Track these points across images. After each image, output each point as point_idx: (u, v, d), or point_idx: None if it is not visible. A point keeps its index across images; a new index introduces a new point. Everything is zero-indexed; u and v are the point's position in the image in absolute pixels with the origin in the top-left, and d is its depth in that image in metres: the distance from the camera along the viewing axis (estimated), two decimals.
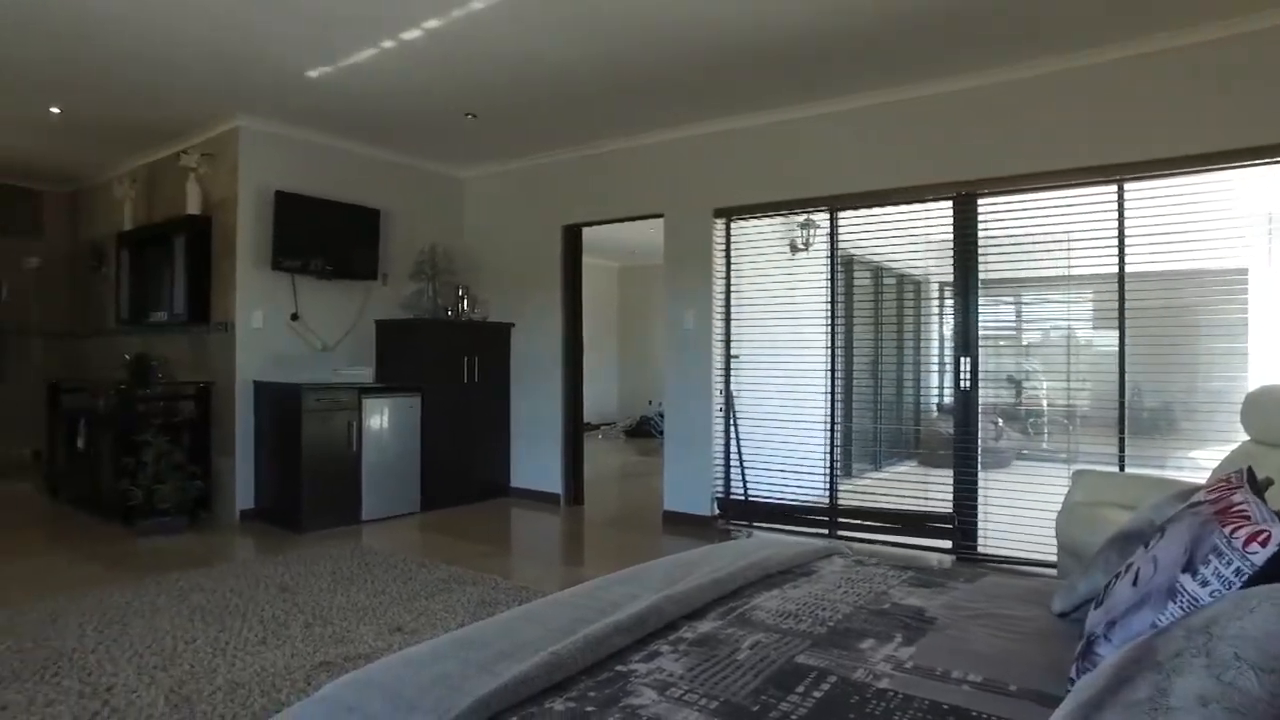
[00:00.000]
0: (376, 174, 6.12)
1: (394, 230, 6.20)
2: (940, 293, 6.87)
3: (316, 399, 5.12)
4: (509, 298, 6.44)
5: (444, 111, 5.21)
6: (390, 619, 3.42)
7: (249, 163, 5.42)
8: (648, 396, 11.38)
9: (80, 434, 5.81)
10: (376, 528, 5.29)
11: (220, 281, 5.51)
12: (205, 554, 4.61)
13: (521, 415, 6.37)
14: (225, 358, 5.43)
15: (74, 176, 7.39)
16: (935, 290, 6.69)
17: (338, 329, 5.88)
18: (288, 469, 5.16)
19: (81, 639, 3.17)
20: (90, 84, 4.84)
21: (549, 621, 1.84)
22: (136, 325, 6.26)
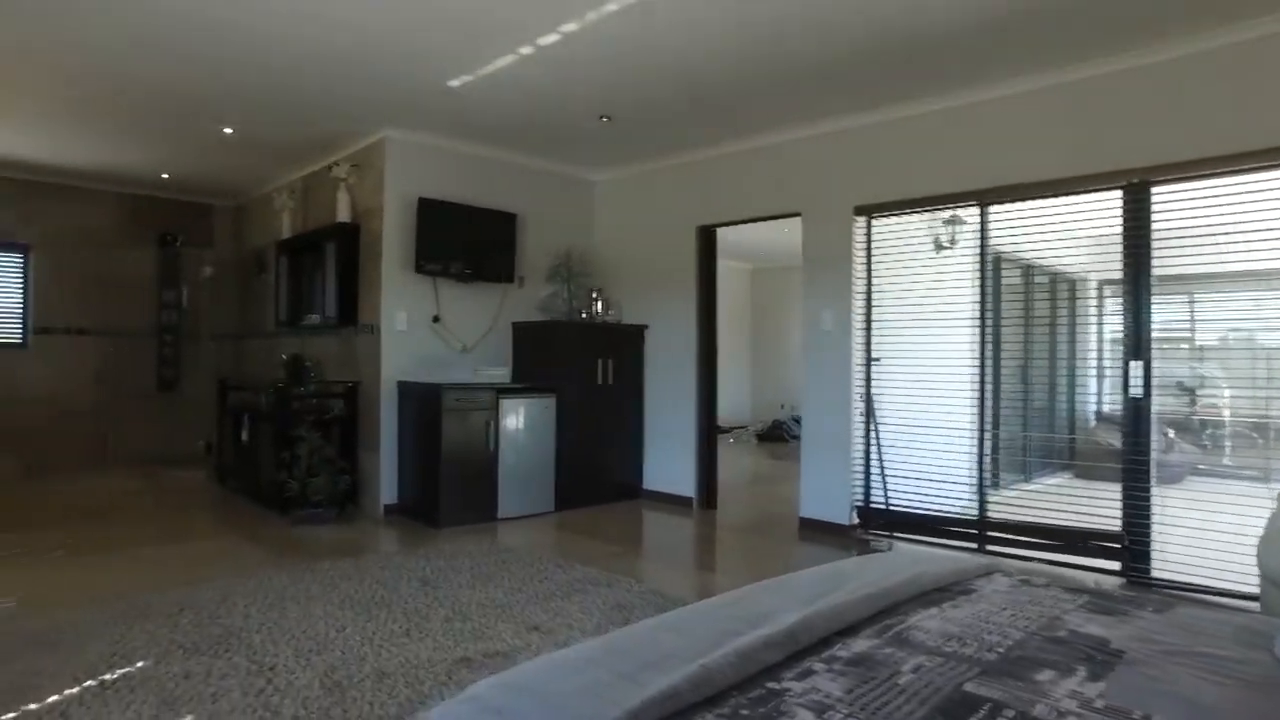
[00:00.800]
0: (512, 179, 6.26)
1: (529, 233, 6.32)
2: (1099, 291, 6.38)
3: (456, 399, 5.27)
4: (642, 299, 6.44)
5: (579, 115, 5.25)
6: (528, 617, 3.44)
7: (394, 172, 5.65)
8: (780, 400, 11.17)
9: (244, 428, 6.23)
10: (511, 526, 5.39)
11: (367, 285, 5.77)
12: (352, 545, 4.81)
13: (654, 417, 6.36)
14: (371, 358, 5.68)
15: (240, 191, 7.95)
16: (1093, 289, 6.22)
17: (476, 330, 6.05)
18: (428, 466, 5.33)
19: (247, 619, 3.36)
20: (256, 106, 5.20)
21: (695, 632, 1.77)
22: (292, 327, 6.66)
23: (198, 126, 5.70)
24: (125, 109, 5.39)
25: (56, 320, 7.51)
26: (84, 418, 7.59)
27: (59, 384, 7.49)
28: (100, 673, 2.81)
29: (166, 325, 7.96)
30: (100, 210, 7.71)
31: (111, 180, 7.50)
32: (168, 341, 7.97)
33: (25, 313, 7.43)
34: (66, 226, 7.54)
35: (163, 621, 3.32)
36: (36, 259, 7.45)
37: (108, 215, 7.76)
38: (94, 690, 2.67)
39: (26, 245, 7.42)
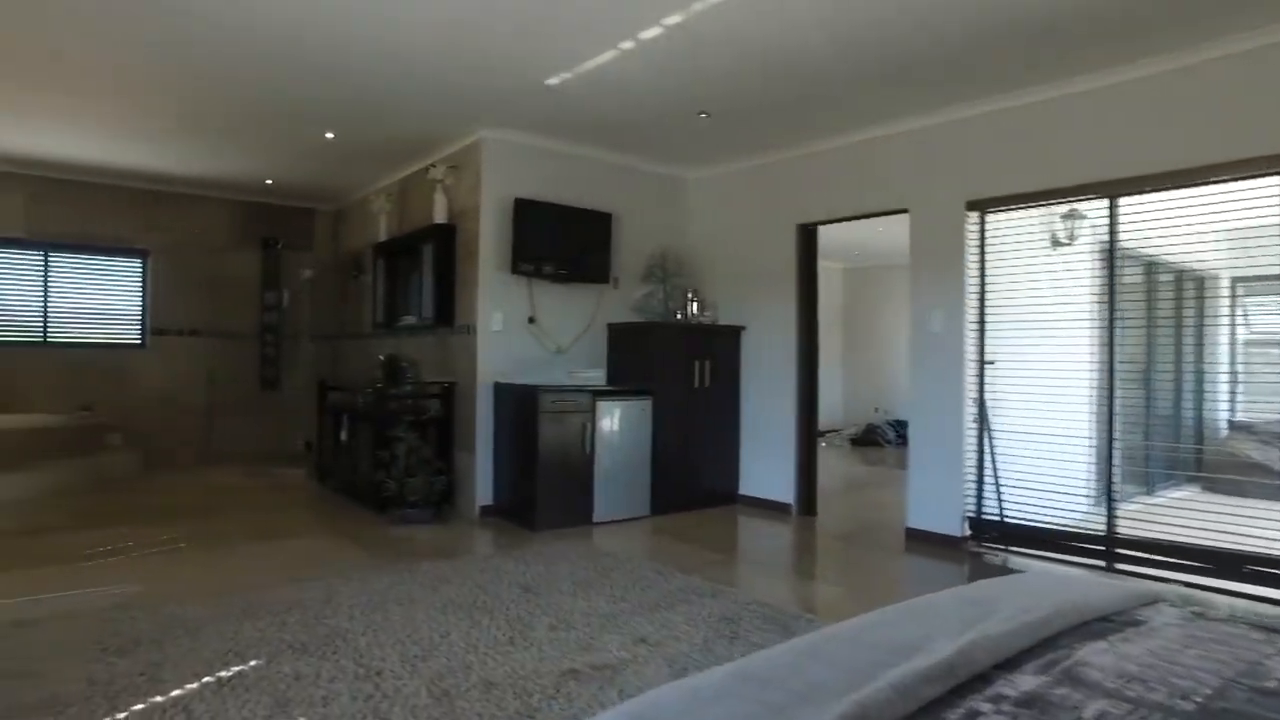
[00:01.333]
0: (607, 178, 6.19)
1: (624, 233, 6.24)
2: (1231, 289, 5.92)
3: (553, 401, 5.22)
4: (738, 300, 6.28)
5: (677, 111, 5.13)
6: (633, 629, 3.34)
7: (490, 172, 5.64)
8: (874, 404, 10.84)
9: (343, 428, 6.34)
10: (608, 530, 5.31)
11: (463, 286, 5.78)
12: (450, 546, 4.81)
13: (751, 420, 6.19)
14: (467, 359, 5.68)
15: (339, 196, 8.13)
16: (1225, 286, 5.78)
17: (571, 331, 6.00)
18: (524, 468, 5.30)
19: (352, 620, 3.35)
20: (357, 110, 5.28)
21: (841, 661, 1.62)
22: (389, 328, 6.75)
23: (302, 133, 5.83)
24: (235, 120, 5.56)
25: (171, 322, 7.82)
26: (195, 415, 7.89)
27: (173, 382, 7.80)
28: (217, 669, 2.83)
29: (268, 326, 8.20)
30: (210, 216, 8.01)
31: (220, 188, 7.78)
32: (269, 342, 8.21)
33: (144, 315, 7.76)
34: (180, 233, 7.85)
35: (271, 620, 3.34)
36: (154, 264, 7.77)
37: (216, 221, 8.05)
38: (212, 687, 2.68)
39: (146, 251, 7.75)
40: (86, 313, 7.56)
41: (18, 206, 7.19)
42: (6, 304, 7.23)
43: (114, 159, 6.75)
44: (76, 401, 7.23)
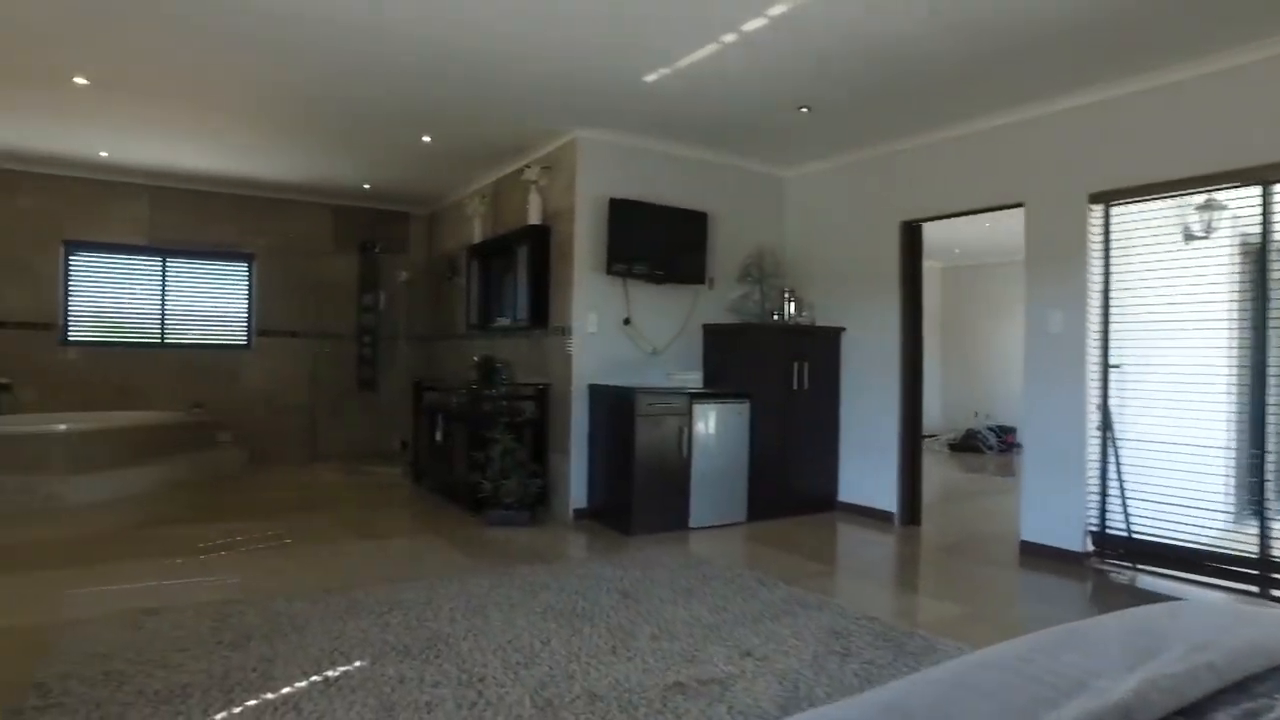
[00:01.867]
0: (703, 177, 6.07)
1: (719, 233, 6.11)
2: None
3: (649, 403, 5.13)
4: (837, 301, 6.07)
5: (777, 106, 4.98)
6: (738, 640, 3.21)
7: (585, 172, 5.60)
8: (974, 408, 10.40)
9: (438, 428, 6.40)
10: (704, 536, 5.19)
11: (558, 287, 5.76)
12: (546, 549, 4.77)
13: (851, 424, 5.97)
14: (562, 360, 5.65)
15: (434, 199, 8.26)
16: None
17: (666, 333, 5.90)
18: (620, 472, 5.23)
19: (453, 623, 3.32)
20: (454, 113, 5.32)
21: (996, 694, 1.46)
22: (483, 329, 6.79)
23: (399, 137, 5.92)
24: (336, 127, 5.70)
25: (274, 323, 8.09)
26: (297, 414, 8.13)
27: (277, 382, 8.07)
28: (324, 668, 2.83)
29: (365, 328, 8.39)
30: (311, 221, 8.25)
31: (321, 193, 8.00)
32: (366, 343, 8.40)
33: (250, 317, 8.05)
34: (283, 237, 8.12)
35: (374, 620, 3.35)
36: (259, 267, 8.05)
37: (317, 226, 8.28)
38: (320, 686, 2.68)
39: (251, 255, 8.04)
40: (198, 315, 7.89)
41: (142, 215, 7.56)
42: (131, 307, 7.61)
43: (225, 168, 7.02)
44: (189, 400, 7.54)
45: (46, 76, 4.81)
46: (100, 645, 3.02)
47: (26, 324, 7.15)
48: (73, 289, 7.40)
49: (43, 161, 6.95)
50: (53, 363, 7.23)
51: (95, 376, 7.37)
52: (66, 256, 7.35)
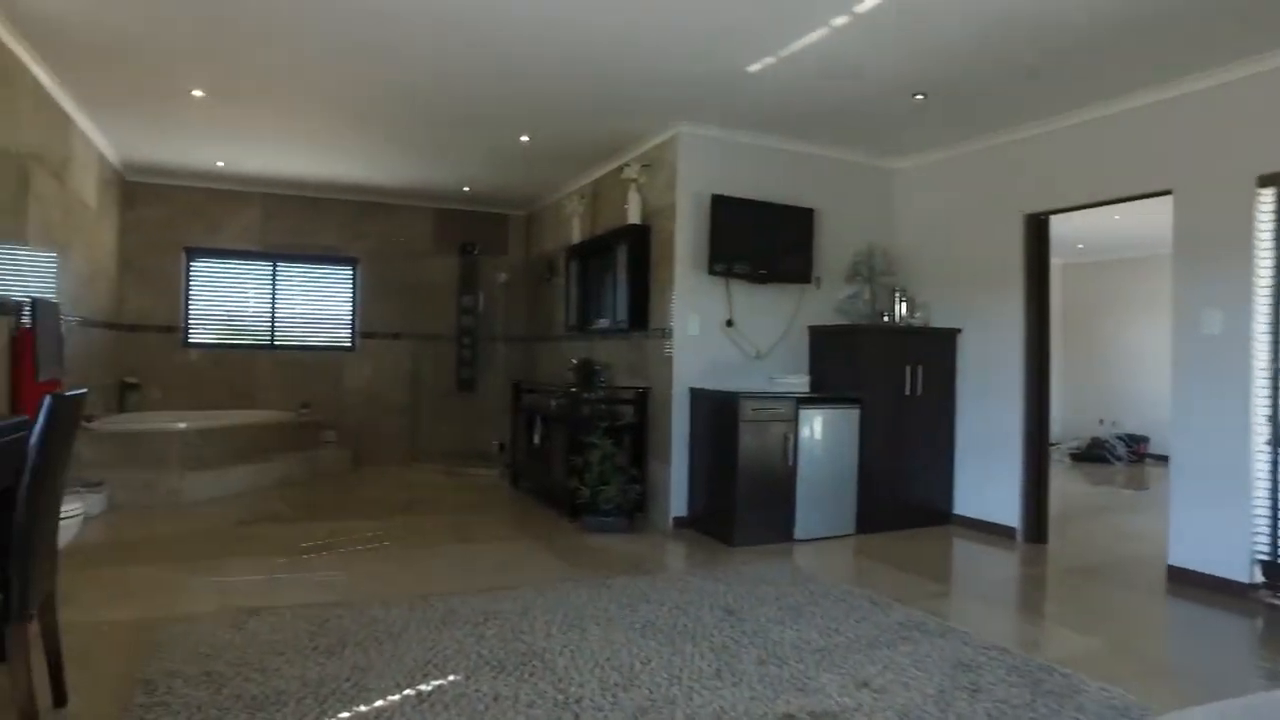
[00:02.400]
0: (808, 171, 5.79)
1: (825, 230, 5.82)
2: None
3: (754, 408, 4.90)
4: (953, 300, 5.69)
5: (890, 94, 4.67)
6: (853, 669, 2.95)
7: (686, 169, 5.41)
8: (1099, 415, 9.69)
9: (536, 431, 6.33)
10: (810, 549, 4.92)
11: (658, 288, 5.59)
12: (644, 559, 4.60)
13: (968, 433, 5.58)
14: (662, 363, 5.48)
15: (532, 200, 8.24)
16: None
17: (770, 335, 5.65)
18: (721, 479, 5.01)
19: (549, 638, 3.19)
20: (551, 111, 5.24)
21: None
22: (582, 331, 6.69)
23: (498, 138, 5.88)
24: (437, 128, 5.70)
25: (377, 325, 8.23)
26: (398, 414, 8.26)
27: (379, 383, 8.21)
28: (417, 681, 2.74)
29: (465, 329, 8.44)
30: (412, 224, 8.36)
31: (422, 196, 8.09)
32: (465, 344, 8.45)
33: (354, 319, 8.22)
34: (385, 240, 8.26)
35: (469, 630, 3.24)
36: (363, 271, 8.21)
37: (417, 229, 8.39)
38: (412, 700, 2.58)
39: (355, 259, 8.20)
40: (306, 318, 8.10)
41: (255, 221, 7.82)
42: (244, 310, 7.88)
43: (332, 174, 7.17)
44: (297, 400, 7.74)
45: (169, 91, 4.99)
46: (204, 644, 3.03)
47: (154, 327, 7.48)
48: (193, 294, 7.71)
49: (166, 173, 7.26)
50: (175, 364, 7.55)
51: (212, 377, 7.66)
52: (187, 263, 7.67)
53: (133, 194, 7.40)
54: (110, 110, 5.47)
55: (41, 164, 4.88)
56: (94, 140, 6.07)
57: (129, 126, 5.84)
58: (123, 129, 5.93)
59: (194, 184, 7.54)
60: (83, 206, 5.90)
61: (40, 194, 4.88)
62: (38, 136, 4.79)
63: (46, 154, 4.98)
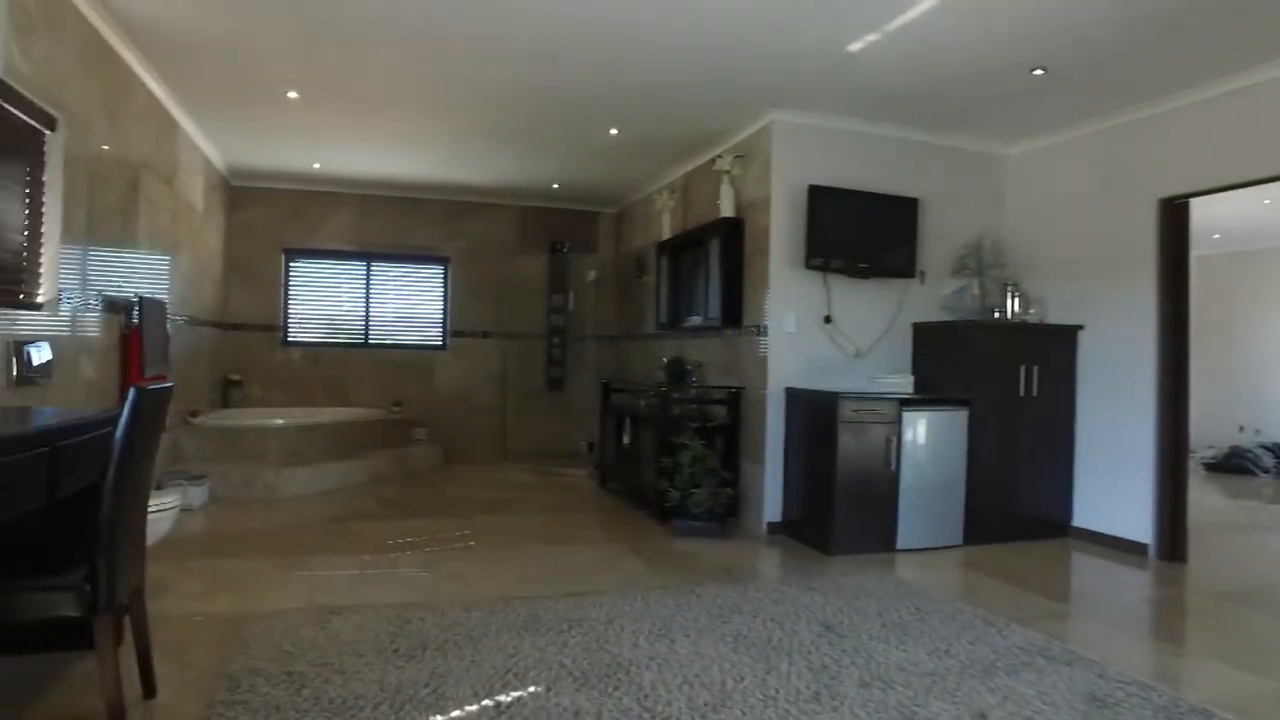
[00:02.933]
0: (912, 159, 5.45)
1: (930, 221, 5.47)
2: None
3: (854, 409, 4.62)
4: (1072, 295, 5.25)
5: (1004, 70, 4.31)
6: (967, 697, 2.66)
7: (782, 159, 5.17)
8: (1238, 420, 8.90)
9: (625, 431, 6.18)
10: (913, 560, 4.60)
11: (753, 284, 5.37)
12: (736, 566, 4.39)
13: (1091, 438, 5.13)
14: (756, 362, 5.25)
15: (621, 196, 8.12)
16: None
17: (870, 333, 5.34)
18: (819, 484, 4.75)
19: (635, 648, 3.02)
20: (641, 103, 5.11)
21: None
22: (672, 329, 6.51)
23: (588, 132, 5.77)
24: (527, 123, 5.64)
25: (467, 324, 8.27)
26: (487, 413, 8.27)
27: (469, 382, 8.25)
28: (496, 691, 2.61)
29: (554, 328, 8.39)
30: (501, 223, 8.37)
31: (511, 195, 8.09)
32: (555, 343, 8.40)
33: (445, 318, 8.28)
34: (475, 239, 8.29)
35: (552, 638, 3.10)
36: (454, 270, 8.26)
37: (507, 227, 8.39)
38: (490, 712, 2.46)
39: (447, 258, 8.26)
40: (398, 316, 8.20)
41: (350, 222, 7.97)
42: (340, 309, 8.04)
43: (424, 174, 7.22)
44: (389, 398, 7.84)
45: (265, 93, 5.07)
46: (288, 641, 2.99)
47: (256, 326, 7.71)
48: (291, 293, 7.91)
49: (267, 177, 7.47)
50: (275, 362, 7.76)
51: (309, 375, 7.83)
52: (286, 263, 7.87)
53: (237, 198, 7.64)
54: (212, 115, 5.61)
55: (152, 170, 5.03)
56: (200, 146, 6.27)
57: (230, 131, 5.99)
58: (225, 134, 6.09)
59: (292, 186, 7.73)
60: (190, 210, 6.09)
61: (150, 198, 5.03)
62: (148, 143, 4.94)
63: (156, 160, 5.13)
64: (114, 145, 4.35)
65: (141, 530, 2.59)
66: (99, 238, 4.19)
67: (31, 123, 3.52)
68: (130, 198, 4.68)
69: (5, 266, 3.35)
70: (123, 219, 4.58)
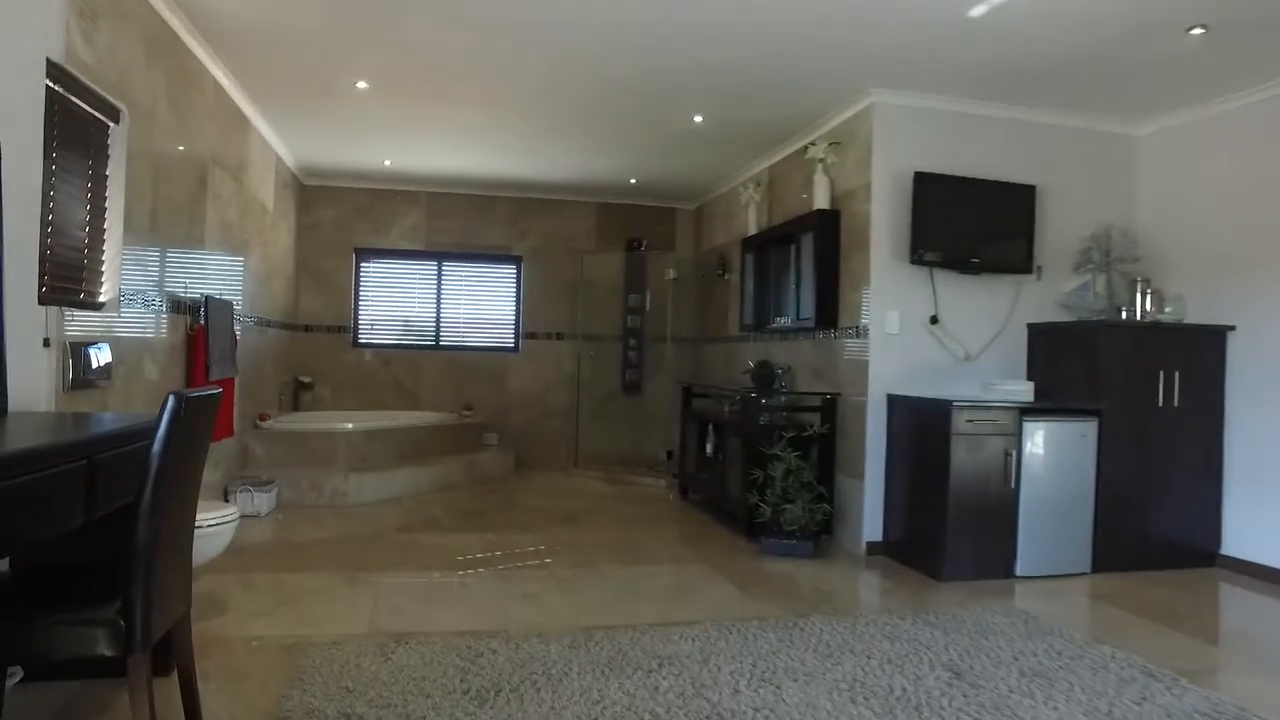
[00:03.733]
0: (1028, 142, 4.93)
1: (1049, 211, 4.93)
2: None
3: (968, 419, 4.14)
4: (1219, 292, 4.63)
5: (1156, 30, 3.75)
6: None
7: (884, 143, 4.71)
8: None
9: (708, 439, 5.79)
10: (1035, 589, 4.09)
11: (849, 281, 4.92)
12: (838, 593, 3.96)
13: (1244, 453, 4.50)
14: (855, 367, 4.80)
15: (701, 192, 7.73)
16: None
17: (980, 334, 4.84)
18: (927, 501, 4.28)
19: (736, 695, 2.62)
20: (728, 87, 4.75)
21: None
22: (758, 330, 6.09)
23: (670, 119, 5.42)
24: (606, 111, 5.34)
25: (540, 325, 7.99)
26: (560, 418, 7.97)
27: (541, 385, 7.96)
28: None
29: (630, 329, 8.04)
30: (575, 220, 8.06)
31: (586, 191, 7.77)
32: (631, 345, 8.05)
33: (517, 319, 8.01)
34: (549, 237, 8.01)
35: (641, 679, 2.73)
36: (526, 269, 7.99)
37: (581, 225, 8.08)
38: None
39: (519, 257, 8.00)
40: (469, 317, 7.97)
41: (420, 221, 7.78)
42: (410, 310, 7.86)
43: (495, 170, 6.98)
44: (460, 401, 7.61)
45: (333, 83, 4.86)
46: (348, 675, 2.69)
47: (326, 327, 7.58)
48: (362, 294, 7.75)
49: (337, 175, 7.33)
50: (345, 363, 7.61)
51: (379, 377, 7.66)
52: (357, 263, 7.72)
53: (309, 197, 7.52)
54: (281, 109, 5.43)
55: (220, 165, 4.87)
56: (271, 144, 6.13)
57: (299, 125, 5.81)
58: (294, 128, 5.91)
59: (362, 185, 7.58)
60: (260, 208, 5.94)
61: (219, 194, 4.87)
62: (216, 138, 4.77)
63: (225, 156, 4.96)
64: (180, 139, 4.17)
65: (187, 553, 2.31)
66: (164, 235, 4.01)
67: (94, 113, 3.33)
68: (197, 194, 4.50)
69: (66, 264, 3.16)
70: (189, 216, 4.40)
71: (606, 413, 8.01)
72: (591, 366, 8.01)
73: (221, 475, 5.15)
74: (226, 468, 5.26)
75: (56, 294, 3.08)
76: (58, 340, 2.98)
